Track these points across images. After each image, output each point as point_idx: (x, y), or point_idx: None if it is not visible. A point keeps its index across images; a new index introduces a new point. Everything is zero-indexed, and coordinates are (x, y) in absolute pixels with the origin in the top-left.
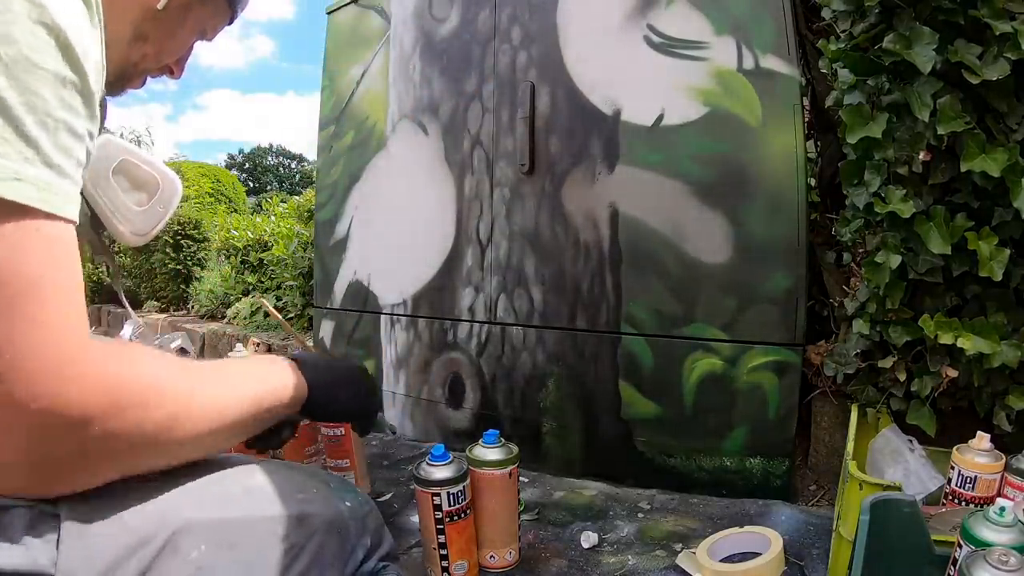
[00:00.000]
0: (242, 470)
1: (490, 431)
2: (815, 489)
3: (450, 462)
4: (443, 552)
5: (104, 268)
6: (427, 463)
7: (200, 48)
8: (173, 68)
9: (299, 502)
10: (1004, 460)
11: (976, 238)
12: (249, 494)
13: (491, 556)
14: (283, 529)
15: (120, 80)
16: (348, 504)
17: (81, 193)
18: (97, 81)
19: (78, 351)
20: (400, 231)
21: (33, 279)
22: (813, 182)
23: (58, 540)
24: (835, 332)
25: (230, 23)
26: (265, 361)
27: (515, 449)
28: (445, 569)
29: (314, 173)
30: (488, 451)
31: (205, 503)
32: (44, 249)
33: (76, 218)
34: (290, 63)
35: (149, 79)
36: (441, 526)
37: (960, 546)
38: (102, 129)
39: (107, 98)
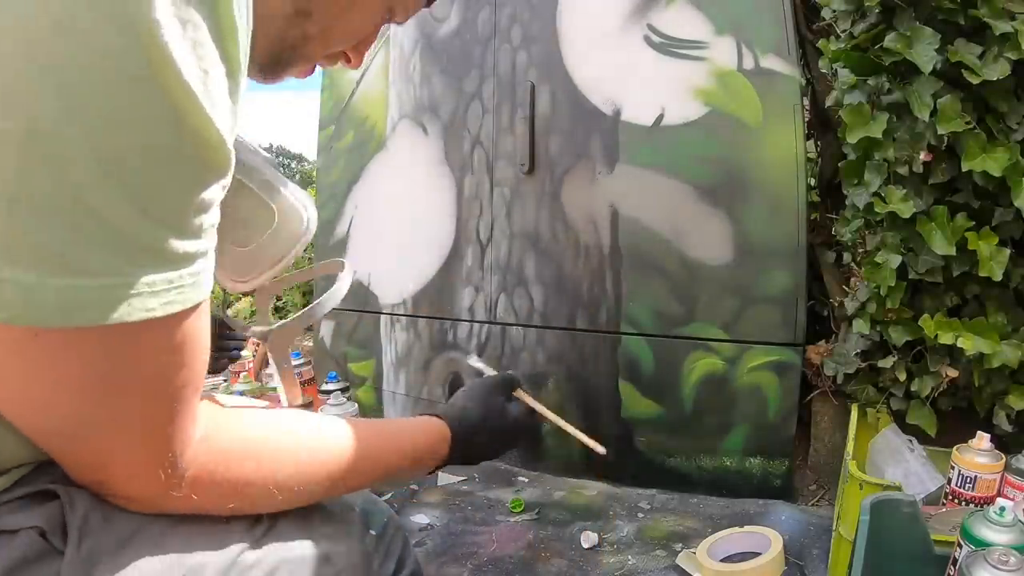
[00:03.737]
0: None
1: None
2: (815, 489)
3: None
4: None
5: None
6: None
7: None
8: (350, 55)
9: (324, 538)
10: (1004, 460)
11: (976, 238)
12: (273, 532)
13: None
14: (306, 571)
15: (275, 64)
16: (373, 532)
17: None
18: (230, 123)
19: (184, 467)
20: (400, 231)
21: (162, 401)
22: (813, 182)
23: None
24: (835, 332)
25: (427, 4)
26: (417, 435)
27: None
28: None
29: (314, 173)
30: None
31: (223, 543)
32: (167, 355)
33: (209, 291)
34: None
35: (320, 67)
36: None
37: (960, 546)
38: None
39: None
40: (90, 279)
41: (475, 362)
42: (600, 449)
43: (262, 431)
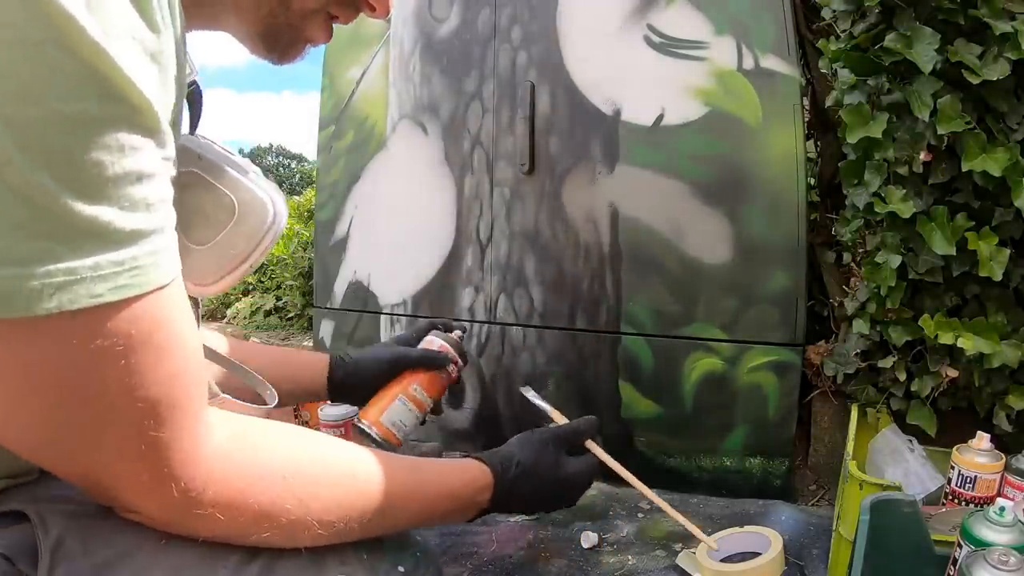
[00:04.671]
0: None
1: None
2: (815, 489)
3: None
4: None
5: None
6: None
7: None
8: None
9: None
10: (1004, 460)
11: (976, 238)
12: (273, 569)
13: None
14: None
15: (277, 33)
16: (402, 569)
17: None
18: (153, 85)
19: (201, 483)
20: (400, 231)
21: (140, 405)
22: (813, 182)
23: None
24: (835, 332)
25: None
26: (455, 481)
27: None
28: None
29: (314, 173)
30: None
31: None
32: (150, 351)
33: (175, 273)
34: None
35: (341, 23)
36: None
37: (960, 546)
38: (194, 125)
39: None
40: (22, 267)
41: (534, 398)
42: (709, 541)
43: (295, 453)
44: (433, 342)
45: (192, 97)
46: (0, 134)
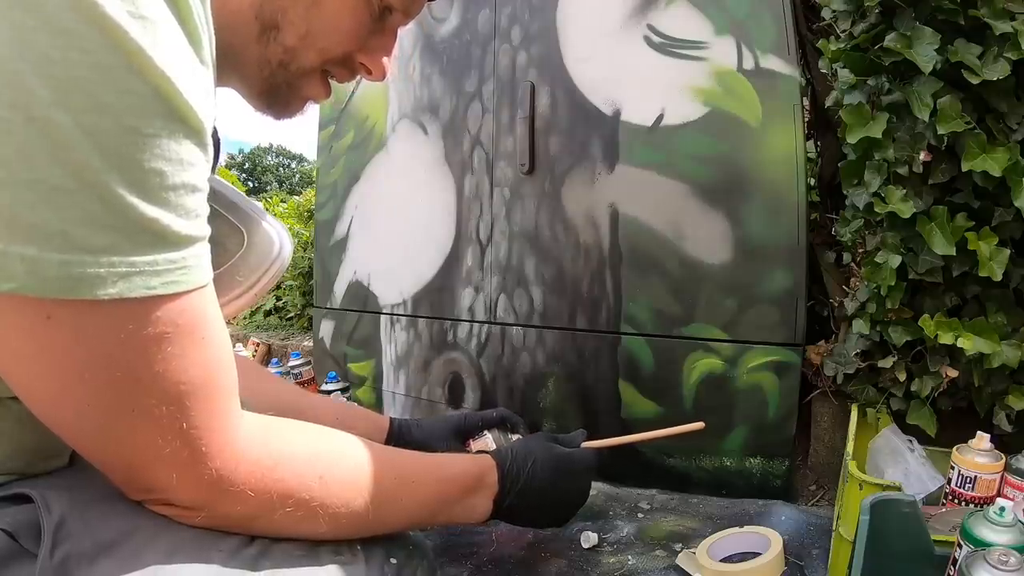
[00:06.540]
0: None
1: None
2: (815, 489)
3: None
4: None
5: None
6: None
7: None
8: (366, 64)
9: (333, 566)
10: (1004, 460)
11: (976, 238)
12: (267, 556)
13: None
14: None
15: (276, 92)
16: (394, 561)
17: None
18: (208, 112)
19: (234, 462)
20: (400, 231)
21: (183, 387)
22: (813, 182)
23: None
24: (835, 332)
25: None
26: (455, 459)
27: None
28: None
29: (314, 173)
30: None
31: (206, 560)
32: (190, 344)
33: (211, 276)
34: None
35: (337, 82)
36: None
37: (960, 546)
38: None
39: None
40: (91, 255)
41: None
42: (697, 425)
43: (314, 439)
44: (489, 444)
45: (213, 140)
46: (81, 140)
